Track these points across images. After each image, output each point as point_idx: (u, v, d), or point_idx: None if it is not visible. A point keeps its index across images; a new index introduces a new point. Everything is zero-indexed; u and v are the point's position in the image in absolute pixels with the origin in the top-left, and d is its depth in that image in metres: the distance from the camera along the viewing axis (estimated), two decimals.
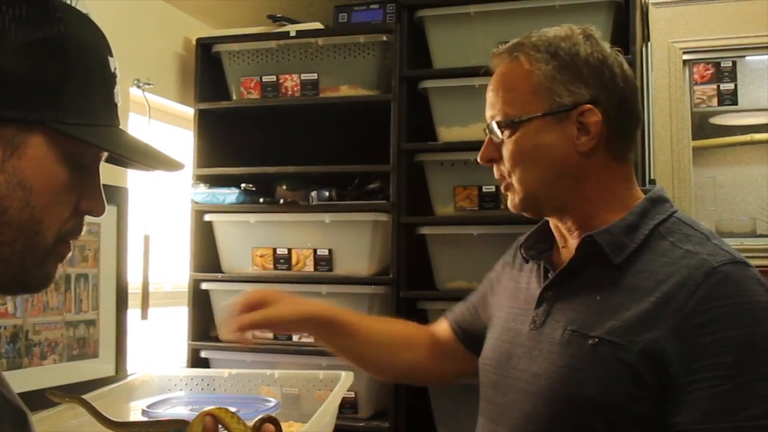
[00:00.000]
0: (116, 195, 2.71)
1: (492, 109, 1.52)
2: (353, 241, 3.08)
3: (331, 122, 3.40)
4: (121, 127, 1.02)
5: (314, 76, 3.17)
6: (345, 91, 3.16)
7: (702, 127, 3.80)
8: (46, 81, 0.92)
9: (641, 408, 1.35)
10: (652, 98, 3.54)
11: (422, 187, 3.08)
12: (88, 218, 1.01)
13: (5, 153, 0.90)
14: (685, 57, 3.73)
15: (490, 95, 1.54)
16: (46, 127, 0.92)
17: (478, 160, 1.56)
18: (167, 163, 1.04)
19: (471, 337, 1.76)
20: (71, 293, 2.53)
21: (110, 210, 2.68)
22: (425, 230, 3.03)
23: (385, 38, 3.09)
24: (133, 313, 2.82)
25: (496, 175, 1.55)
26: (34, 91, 0.91)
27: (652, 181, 3.38)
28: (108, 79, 0.99)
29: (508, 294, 1.64)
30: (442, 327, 1.83)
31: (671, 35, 3.69)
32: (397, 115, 3.04)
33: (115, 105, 1.01)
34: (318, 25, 3.21)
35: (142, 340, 2.99)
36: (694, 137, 3.74)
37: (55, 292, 2.46)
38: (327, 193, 3.15)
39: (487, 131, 1.54)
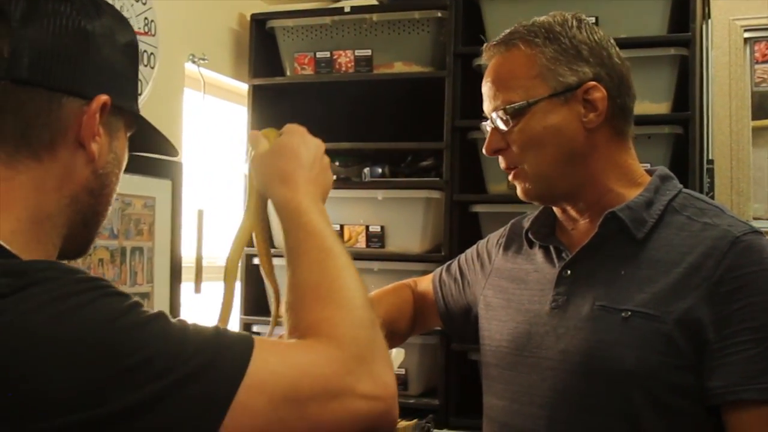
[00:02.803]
0: (171, 170, 2.73)
1: (493, 100, 1.52)
2: (406, 218, 3.07)
3: (385, 99, 3.39)
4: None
5: (368, 52, 3.16)
6: (399, 67, 3.14)
7: (762, 107, 3.73)
8: (134, 76, 1.09)
9: (678, 376, 1.40)
10: (712, 77, 3.48)
11: (475, 165, 3.06)
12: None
13: (111, 136, 1.05)
14: (746, 35, 3.66)
15: (488, 87, 1.55)
16: (128, 113, 1.08)
17: (484, 151, 1.58)
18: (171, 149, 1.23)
19: (449, 309, 1.79)
20: (126, 266, 2.56)
21: (165, 184, 2.70)
22: (478, 208, 3.01)
23: (439, 14, 3.07)
24: (186, 287, 2.85)
25: (503, 165, 1.56)
26: (130, 85, 1.09)
27: (710, 161, 3.33)
28: None
29: (508, 276, 1.65)
30: (425, 287, 1.85)
31: (732, 13, 3.63)
32: (451, 92, 3.02)
33: None
34: (372, 1, 3.20)
35: (196, 313, 3.02)
36: (754, 117, 3.68)
37: (111, 265, 2.49)
38: (380, 170, 3.15)
39: (488, 123, 1.55)
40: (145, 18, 2.56)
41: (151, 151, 1.23)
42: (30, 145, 0.97)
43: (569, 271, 1.52)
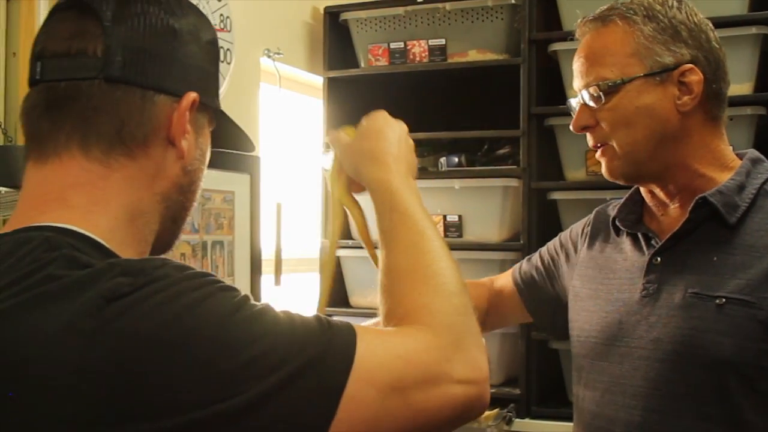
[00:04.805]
0: (249, 164, 2.76)
1: (586, 76, 1.51)
2: (483, 207, 3.06)
3: (460, 87, 3.37)
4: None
5: (442, 41, 3.14)
6: (473, 55, 3.12)
7: None
8: (215, 72, 1.11)
9: None
10: None
11: (553, 152, 3.03)
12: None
13: (197, 132, 1.07)
14: None
15: (580, 63, 1.53)
16: (211, 109, 1.10)
17: (572, 128, 1.55)
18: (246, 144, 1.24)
19: (535, 302, 1.80)
20: (208, 259, 2.60)
21: (243, 178, 2.73)
22: (556, 195, 2.98)
23: (513, 1, 3.04)
24: (266, 279, 2.88)
25: (591, 143, 1.54)
26: (213, 82, 1.10)
27: None
28: None
29: (595, 266, 1.63)
30: (503, 283, 1.86)
31: None
32: (526, 79, 2.99)
33: None
34: None
35: (276, 305, 3.05)
36: None
37: (193, 259, 2.53)
38: (456, 159, 3.14)
39: (579, 99, 1.52)
40: (221, 14, 2.59)
41: (229, 146, 1.24)
42: (125, 143, 0.99)
43: (659, 259, 1.49)
